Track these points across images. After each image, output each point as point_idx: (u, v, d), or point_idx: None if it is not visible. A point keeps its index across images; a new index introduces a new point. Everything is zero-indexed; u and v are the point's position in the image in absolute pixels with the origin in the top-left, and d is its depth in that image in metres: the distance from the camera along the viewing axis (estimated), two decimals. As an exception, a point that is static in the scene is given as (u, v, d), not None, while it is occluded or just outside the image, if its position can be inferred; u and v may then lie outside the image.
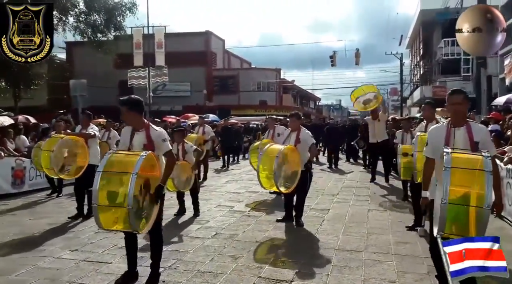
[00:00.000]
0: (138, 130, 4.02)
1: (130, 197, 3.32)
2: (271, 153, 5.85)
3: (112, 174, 3.58)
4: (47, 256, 4.81)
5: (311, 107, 59.61)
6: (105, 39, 22.16)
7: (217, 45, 40.75)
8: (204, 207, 7.70)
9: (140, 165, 3.45)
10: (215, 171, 13.33)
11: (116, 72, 32.61)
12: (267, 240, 5.61)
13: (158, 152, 3.96)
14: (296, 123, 6.39)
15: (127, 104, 3.98)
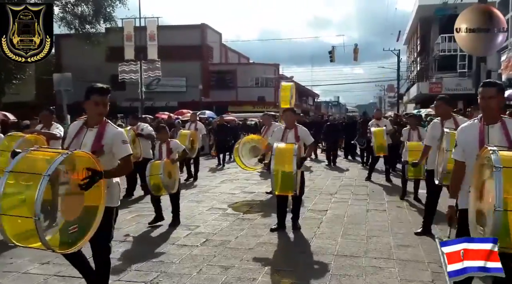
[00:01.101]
0: (92, 126, 3.30)
1: (37, 205, 2.54)
2: (286, 152, 5.34)
3: (22, 176, 2.79)
4: (11, 272, 4.36)
5: (309, 104, 59.30)
6: (93, 31, 21.54)
7: (214, 38, 40.21)
8: (195, 210, 7.31)
9: (56, 165, 2.67)
10: (210, 170, 12.92)
11: (107, 65, 31.93)
12: (261, 247, 5.20)
13: (111, 156, 3.21)
14: (293, 119, 5.95)
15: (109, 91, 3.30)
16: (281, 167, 5.25)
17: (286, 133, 5.88)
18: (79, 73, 29.89)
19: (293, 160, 5.13)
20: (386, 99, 62.79)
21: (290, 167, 5.16)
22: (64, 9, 20.75)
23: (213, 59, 39.98)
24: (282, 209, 5.94)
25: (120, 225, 6.33)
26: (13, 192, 2.75)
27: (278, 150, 5.36)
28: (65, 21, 21.13)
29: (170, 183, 6.07)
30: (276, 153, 5.30)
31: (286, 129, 5.93)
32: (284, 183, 5.27)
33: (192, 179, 10.69)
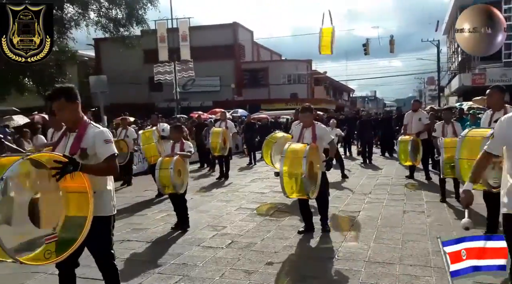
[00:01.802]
0: (73, 130, 3.04)
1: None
2: (296, 153, 5.07)
3: None
4: (39, 272, 4.39)
5: (344, 99, 58.23)
6: (127, 33, 21.91)
7: (246, 37, 40.14)
8: (223, 210, 7.20)
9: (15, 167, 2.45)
10: (240, 169, 12.82)
11: (145, 67, 32.70)
12: (287, 250, 4.99)
13: (96, 160, 2.98)
14: (310, 118, 5.59)
15: (63, 93, 2.95)
16: (292, 170, 5.01)
17: (302, 132, 5.57)
18: (118, 75, 30.83)
19: (302, 162, 4.86)
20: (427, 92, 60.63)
21: (299, 169, 4.90)
22: (98, 13, 21.23)
23: (245, 57, 39.92)
24: (305, 211, 5.66)
25: (148, 225, 6.33)
26: None
27: (289, 151, 5.13)
28: (100, 25, 21.59)
29: (178, 182, 5.88)
30: (286, 154, 5.07)
31: (303, 128, 5.60)
32: (294, 186, 5.03)
33: (224, 179, 10.61)
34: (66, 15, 20.52)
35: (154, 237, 5.71)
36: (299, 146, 5.22)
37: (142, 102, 33.34)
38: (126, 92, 32.85)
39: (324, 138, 5.55)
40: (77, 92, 3.05)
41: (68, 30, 20.83)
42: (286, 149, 5.14)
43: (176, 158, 5.86)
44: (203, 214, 6.94)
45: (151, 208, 7.43)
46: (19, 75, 18.48)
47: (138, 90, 34.91)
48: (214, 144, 10.26)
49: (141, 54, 30.72)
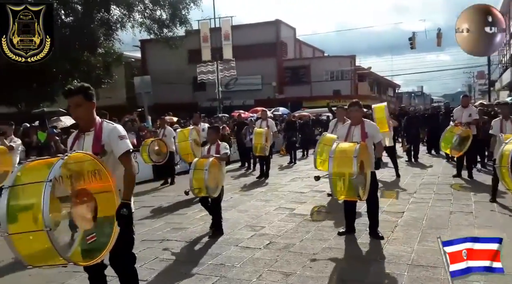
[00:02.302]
0: (88, 130, 3.04)
1: (46, 214, 2.27)
2: (346, 152, 4.81)
3: (24, 188, 2.51)
4: (79, 272, 4.53)
5: (390, 95, 56.51)
6: (171, 34, 22.37)
7: (288, 34, 39.87)
8: (262, 209, 7.15)
9: (57, 169, 2.43)
10: (281, 168, 12.72)
11: (189, 68, 33.31)
12: (326, 252, 4.86)
13: (111, 155, 2.98)
14: (359, 115, 5.35)
15: (82, 90, 2.97)
16: (341, 170, 4.75)
17: (351, 130, 5.30)
18: (163, 76, 31.68)
19: (353, 162, 4.60)
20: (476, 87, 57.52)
21: (349, 169, 4.63)
22: (143, 15, 21.81)
23: (287, 55, 39.68)
24: (350, 213, 5.44)
25: (187, 224, 6.40)
26: (17, 208, 2.50)
27: (338, 150, 4.86)
28: (145, 26, 22.17)
29: (212, 185, 5.62)
30: (335, 154, 4.80)
31: (351, 126, 5.35)
32: (346, 188, 4.76)
33: (264, 178, 10.57)
34: (112, 17, 21.27)
35: (193, 237, 5.75)
36: (348, 145, 4.97)
37: (186, 101, 34.03)
38: (171, 92, 33.63)
39: (374, 136, 5.26)
40: (94, 93, 3.09)
41: (114, 32, 21.57)
42: (334, 149, 4.87)
43: (212, 159, 5.67)
44: (242, 213, 6.93)
45: (191, 207, 7.52)
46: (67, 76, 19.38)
47: (182, 90, 35.65)
48: (257, 144, 10.23)
49: (185, 54, 31.34)
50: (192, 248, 5.31)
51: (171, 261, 4.83)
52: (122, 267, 3.08)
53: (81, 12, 19.74)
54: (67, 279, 4.38)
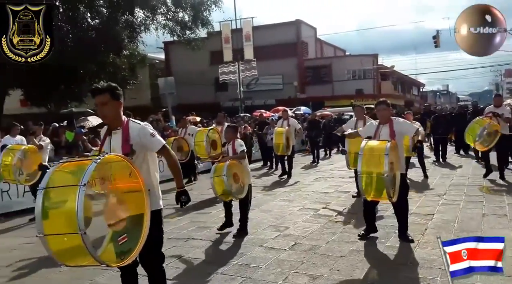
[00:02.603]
0: (115, 128, 3.06)
1: (80, 219, 2.31)
2: (376, 150, 4.66)
3: (57, 190, 2.55)
4: (107, 270, 4.55)
5: (414, 94, 55.45)
6: (193, 35, 22.54)
7: (309, 34, 39.62)
8: (286, 210, 7.07)
9: (90, 172, 2.44)
10: (304, 168, 12.59)
11: (211, 69, 33.55)
12: (354, 255, 4.73)
13: (144, 153, 3.02)
14: (387, 113, 5.17)
15: (109, 89, 3.00)
16: (370, 169, 4.59)
17: (379, 129, 5.13)
18: (185, 77, 32.01)
19: (384, 161, 4.44)
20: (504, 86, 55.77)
21: (380, 168, 4.46)
22: (165, 17, 22.03)
23: (308, 54, 39.43)
24: (369, 212, 5.26)
25: (211, 223, 6.37)
26: (52, 210, 2.54)
27: (367, 148, 4.70)
28: (168, 28, 22.40)
29: (236, 187, 5.51)
30: (364, 152, 4.64)
31: (379, 125, 5.18)
32: (375, 187, 4.61)
33: (286, 177, 10.49)
34: (136, 20, 21.57)
35: (217, 236, 5.72)
36: (377, 142, 4.82)
37: (208, 102, 34.25)
38: (193, 92, 33.90)
39: (408, 130, 5.15)
40: (121, 93, 3.11)
41: (138, 34, 21.87)
42: (363, 147, 4.70)
43: (229, 162, 5.57)
44: (265, 213, 6.86)
45: (216, 206, 7.49)
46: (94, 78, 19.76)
47: (205, 90, 35.87)
48: (278, 144, 10.16)
49: (207, 55, 31.58)
50: (217, 248, 5.28)
51: (196, 261, 4.81)
52: (151, 266, 3.09)
53: (106, 15, 20.08)
54: (94, 276, 4.41)
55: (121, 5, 19.70)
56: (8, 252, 5.58)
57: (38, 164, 7.00)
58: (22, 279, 4.55)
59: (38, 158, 7.02)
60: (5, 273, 4.70)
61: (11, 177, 6.66)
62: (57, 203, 2.54)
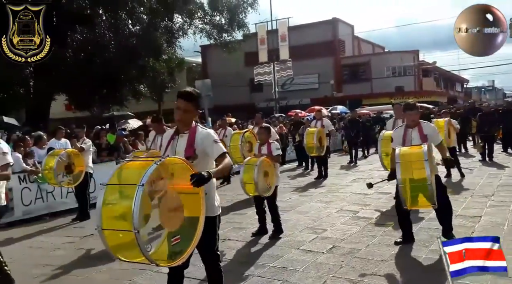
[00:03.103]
0: (183, 132, 3.16)
1: (135, 218, 2.40)
2: (413, 157, 4.44)
3: (118, 188, 2.72)
4: (146, 270, 4.61)
5: (457, 90, 53.32)
6: (229, 38, 22.76)
7: (346, 32, 38.97)
8: (323, 211, 6.93)
9: (150, 173, 2.53)
10: (341, 168, 12.34)
11: (246, 70, 33.74)
12: (396, 259, 4.54)
13: (206, 159, 3.08)
14: (417, 118, 4.93)
15: (192, 97, 3.10)
16: (410, 177, 4.35)
17: (407, 133, 4.90)
18: (221, 79, 32.37)
19: (425, 166, 4.18)
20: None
21: (422, 174, 4.22)
22: (203, 21, 22.39)
23: (345, 52, 38.77)
24: (405, 221, 4.98)
25: (247, 224, 6.35)
26: (112, 205, 2.70)
27: (403, 155, 4.45)
28: (205, 32, 22.75)
29: (263, 184, 5.43)
30: (401, 160, 4.38)
31: (407, 129, 4.94)
32: (417, 196, 4.37)
33: (322, 178, 10.31)
34: (175, 25, 22.05)
35: (253, 237, 5.68)
36: (413, 148, 4.59)
37: (243, 103, 34.43)
38: (229, 94, 34.18)
39: (433, 138, 4.86)
40: (199, 98, 3.20)
41: (176, 39, 22.35)
42: (398, 155, 4.47)
43: (263, 158, 5.53)
44: (302, 215, 6.75)
45: (251, 207, 7.44)
46: (135, 82, 20.37)
47: (240, 91, 36.11)
48: (310, 145, 9.99)
49: (242, 57, 31.72)
50: (253, 249, 5.25)
51: (232, 262, 4.79)
52: (208, 264, 3.20)
53: (146, 21, 20.65)
54: (133, 276, 4.48)
55: (160, 11, 20.21)
56: (52, 251, 5.79)
57: (80, 166, 7.24)
58: (63, 277, 4.69)
59: (80, 160, 7.24)
60: (47, 271, 4.87)
61: (53, 180, 6.89)
62: (117, 200, 2.69)
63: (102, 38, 18.95)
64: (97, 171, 8.51)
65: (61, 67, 19.10)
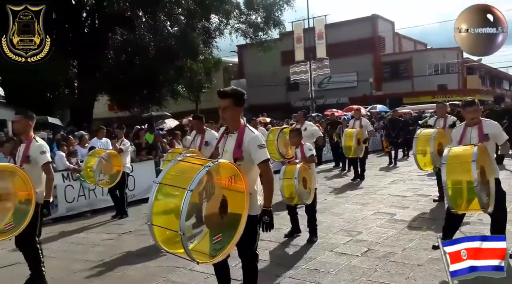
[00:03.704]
0: (232, 132, 3.26)
1: (182, 220, 2.56)
2: (461, 157, 4.21)
3: (169, 188, 2.86)
4: (180, 267, 4.69)
5: (505, 88, 50.67)
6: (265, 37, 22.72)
7: (386, 28, 37.97)
8: (358, 214, 6.78)
9: (199, 179, 2.64)
10: (379, 169, 12.03)
11: (282, 69, 33.64)
12: (434, 264, 4.36)
13: (250, 161, 3.13)
14: (476, 114, 4.64)
15: (232, 95, 3.18)
16: (457, 178, 4.14)
17: (466, 133, 4.64)
18: (257, 78, 32.51)
19: (472, 168, 3.96)
20: None
21: (468, 176, 4.00)
22: (238, 20, 22.49)
23: (385, 50, 37.79)
24: (453, 226, 4.71)
25: (281, 225, 6.30)
26: (162, 203, 2.86)
27: (451, 156, 4.23)
28: (241, 31, 22.84)
29: (304, 192, 5.45)
30: (447, 161, 4.18)
31: (466, 127, 4.68)
32: (465, 199, 4.15)
33: (359, 180, 10.09)
34: (211, 25, 22.31)
35: (286, 238, 5.64)
36: (462, 148, 4.36)
37: (279, 102, 34.37)
38: (265, 93, 34.24)
39: (497, 136, 4.55)
40: (244, 98, 3.26)
41: (213, 39, 22.60)
42: (446, 155, 4.26)
43: (300, 165, 5.45)
44: (337, 217, 6.63)
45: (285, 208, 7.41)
46: (173, 83, 20.80)
47: (276, 90, 36.07)
48: (348, 147, 9.75)
49: (278, 56, 31.70)
50: (286, 250, 5.21)
51: (265, 263, 4.78)
52: (246, 262, 3.25)
53: (184, 22, 21.03)
54: (168, 274, 4.56)
55: (197, 12, 20.51)
56: (91, 247, 6.01)
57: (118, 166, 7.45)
58: (101, 273, 4.84)
59: (118, 161, 7.45)
60: (86, 267, 5.05)
61: (92, 179, 7.11)
62: (167, 199, 2.85)
63: (141, 39, 19.50)
64: (136, 169, 8.76)
65: (104, 68, 19.85)
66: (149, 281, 4.42)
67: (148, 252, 5.37)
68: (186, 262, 4.75)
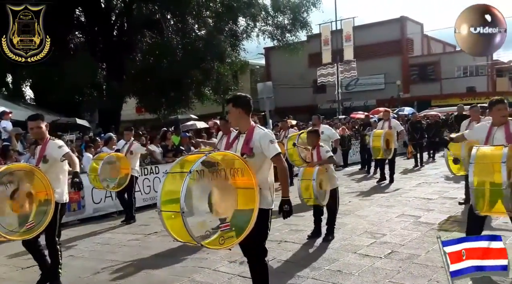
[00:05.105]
0: (243, 132, 3.51)
1: (182, 199, 2.79)
2: (490, 158, 4.09)
3: (175, 175, 3.14)
4: (204, 268, 4.78)
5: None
6: (292, 38, 22.69)
7: (414, 30, 37.28)
8: (383, 216, 6.75)
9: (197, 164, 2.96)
10: (405, 172, 11.87)
11: (309, 71, 33.54)
12: (458, 268, 4.34)
13: (262, 157, 3.34)
14: (505, 114, 4.47)
15: (231, 100, 3.54)
16: (484, 179, 4.04)
17: (492, 132, 4.46)
18: (284, 81, 32.52)
19: (502, 169, 3.84)
20: None
21: (497, 178, 3.88)
22: (265, 22, 22.55)
23: (413, 52, 37.10)
24: (475, 228, 4.50)
25: (304, 227, 6.37)
26: (168, 191, 3.09)
27: (480, 156, 4.11)
28: (268, 33, 22.88)
29: (320, 194, 5.48)
30: (475, 160, 4.06)
31: (493, 127, 4.50)
32: (490, 201, 4.05)
33: (388, 182, 9.97)
34: (239, 28, 22.49)
35: (309, 239, 5.68)
36: (491, 149, 4.24)
37: (306, 104, 34.28)
38: (292, 95, 34.20)
39: None
40: (246, 101, 3.51)
41: (240, 42, 22.77)
42: (475, 154, 4.13)
43: (319, 168, 5.50)
44: (361, 219, 6.63)
45: (309, 210, 7.40)
46: (200, 85, 21.06)
47: (303, 93, 35.96)
48: (376, 148, 9.58)
49: (305, 58, 31.63)
50: (309, 252, 5.26)
51: (288, 263, 4.85)
52: (253, 257, 3.37)
53: (211, 25, 21.28)
54: (192, 274, 4.66)
55: (225, 14, 20.72)
56: (118, 247, 6.15)
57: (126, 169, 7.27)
58: (126, 273, 4.94)
59: (126, 164, 7.31)
60: (112, 267, 5.16)
61: (98, 184, 6.97)
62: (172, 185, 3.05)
63: (169, 42, 19.84)
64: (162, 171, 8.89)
65: (131, 70, 20.31)
66: (174, 281, 4.50)
67: (174, 252, 5.48)
68: (210, 263, 4.91)
